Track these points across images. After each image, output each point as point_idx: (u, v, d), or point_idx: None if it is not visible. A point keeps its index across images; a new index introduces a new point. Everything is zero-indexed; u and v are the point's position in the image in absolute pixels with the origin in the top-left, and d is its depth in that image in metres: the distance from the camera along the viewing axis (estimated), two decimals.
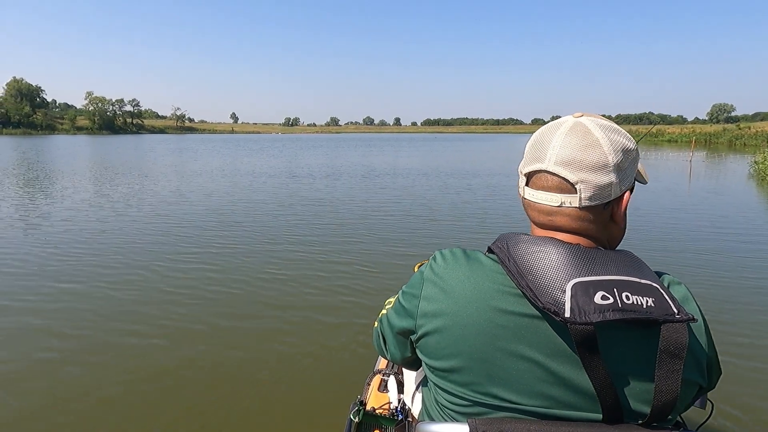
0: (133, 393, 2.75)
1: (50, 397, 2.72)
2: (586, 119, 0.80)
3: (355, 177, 15.17)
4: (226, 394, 2.75)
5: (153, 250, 5.80)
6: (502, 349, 0.74)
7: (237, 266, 5.21)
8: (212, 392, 2.76)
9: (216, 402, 2.67)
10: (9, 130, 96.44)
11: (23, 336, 3.46)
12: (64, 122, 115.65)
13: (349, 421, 1.24)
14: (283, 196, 10.62)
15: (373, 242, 6.38)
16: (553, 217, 0.80)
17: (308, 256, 5.66)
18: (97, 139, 71.06)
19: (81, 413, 2.57)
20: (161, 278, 4.77)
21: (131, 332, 3.53)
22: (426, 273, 0.85)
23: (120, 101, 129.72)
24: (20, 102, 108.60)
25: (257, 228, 7.25)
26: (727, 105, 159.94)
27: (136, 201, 9.78)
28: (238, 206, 9.24)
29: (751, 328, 3.63)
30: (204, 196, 10.58)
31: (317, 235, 6.77)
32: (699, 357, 0.75)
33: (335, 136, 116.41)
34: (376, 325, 1.06)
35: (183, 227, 7.22)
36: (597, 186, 0.76)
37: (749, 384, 2.87)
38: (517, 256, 0.75)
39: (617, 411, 0.70)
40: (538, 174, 0.80)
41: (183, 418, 2.53)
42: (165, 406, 2.64)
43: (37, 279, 4.69)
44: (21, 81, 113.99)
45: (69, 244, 6.04)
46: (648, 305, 0.68)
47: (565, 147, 0.77)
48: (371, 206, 9.28)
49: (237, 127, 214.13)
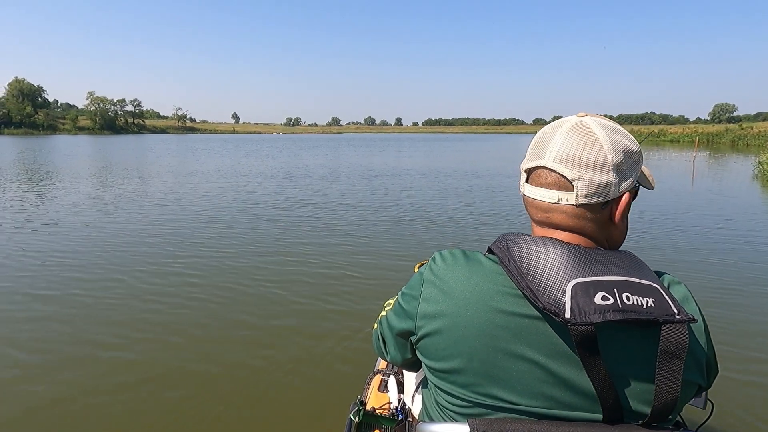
0: (128, 395, 2.69)
1: (28, 405, 2.61)
2: (589, 119, 0.80)
3: (353, 178, 14.94)
4: (226, 395, 2.72)
5: (142, 253, 5.60)
6: (502, 350, 0.74)
7: (236, 267, 5.13)
8: (212, 393, 2.73)
9: (216, 403, 2.64)
10: (11, 130, 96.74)
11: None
12: (66, 122, 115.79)
13: (349, 421, 1.23)
14: (279, 197, 10.42)
15: (373, 243, 6.29)
16: (549, 214, 0.80)
17: (308, 256, 5.56)
18: (97, 139, 71.02)
19: (61, 421, 2.48)
20: (157, 281, 4.60)
21: (120, 337, 3.39)
22: (425, 274, 0.84)
23: (121, 101, 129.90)
24: (22, 102, 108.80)
25: (256, 228, 7.14)
26: (729, 105, 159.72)
27: (125, 203, 9.57)
28: (232, 207, 9.04)
29: (755, 328, 3.57)
30: (196, 198, 10.38)
31: (315, 236, 6.67)
32: (699, 357, 0.75)
33: (336, 136, 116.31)
34: (375, 327, 1.05)
35: (176, 229, 7.01)
36: (594, 184, 0.76)
37: (750, 384, 2.86)
38: (517, 257, 0.75)
39: (617, 411, 0.70)
40: (537, 170, 0.81)
41: (183, 420, 2.49)
42: (164, 408, 2.59)
43: (10, 286, 4.48)
44: (23, 81, 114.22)
45: (52, 247, 5.82)
46: (648, 306, 0.68)
47: (565, 144, 0.77)
48: (368, 207, 9.06)
49: (238, 127, 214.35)
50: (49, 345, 3.30)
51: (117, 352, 3.21)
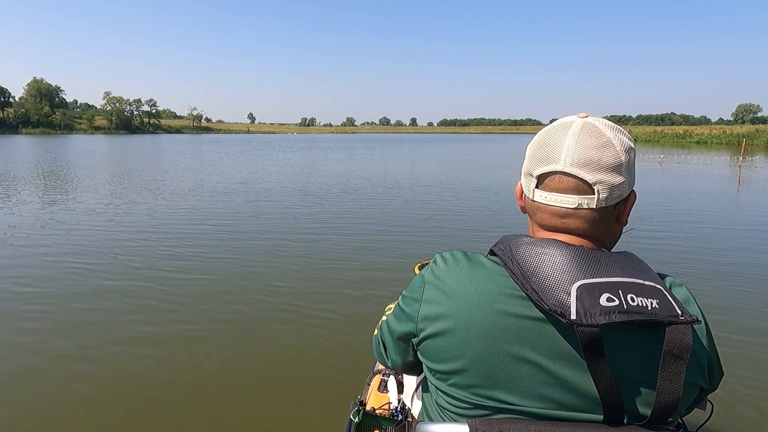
0: (123, 398, 2.63)
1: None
2: (593, 119, 0.79)
3: (371, 191, 13.60)
4: (226, 395, 2.69)
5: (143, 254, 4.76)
6: (505, 352, 0.73)
7: (236, 266, 5.14)
8: (211, 394, 2.70)
9: (215, 403, 2.61)
10: (28, 129, 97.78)
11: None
12: (82, 122, 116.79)
13: (349, 422, 1.22)
14: (269, 202, 9.20)
15: (374, 243, 6.29)
16: (567, 220, 0.78)
17: (309, 257, 5.57)
18: (111, 139, 70.93)
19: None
20: (153, 284, 4.57)
21: (123, 340, 3.41)
22: (427, 276, 0.83)
23: (137, 101, 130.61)
24: (40, 102, 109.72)
25: (255, 227, 7.15)
26: (753, 105, 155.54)
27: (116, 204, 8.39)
28: (231, 208, 8.21)
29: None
30: (182, 198, 9.15)
31: (317, 237, 6.65)
32: (701, 359, 0.74)
33: (350, 137, 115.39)
34: (375, 333, 1.04)
35: (186, 231, 6.41)
36: (613, 186, 0.75)
37: (750, 384, 2.80)
38: (520, 259, 0.74)
39: (619, 412, 0.69)
40: (552, 175, 0.77)
41: (183, 420, 2.47)
42: (164, 409, 2.55)
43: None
44: (41, 81, 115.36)
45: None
46: (653, 307, 0.68)
47: (579, 147, 0.75)
48: (353, 212, 8.14)
49: (253, 127, 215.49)
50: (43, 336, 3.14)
51: (136, 347, 3.27)
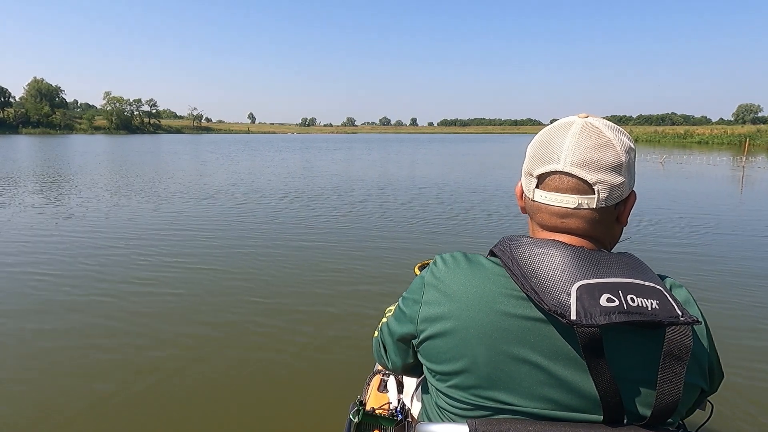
0: (122, 398, 2.62)
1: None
2: (593, 120, 0.79)
3: (367, 190, 13.48)
4: (226, 395, 2.69)
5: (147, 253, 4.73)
6: (505, 353, 0.73)
7: (234, 267, 5.14)
8: (211, 394, 2.70)
9: (215, 403, 2.61)
10: (28, 129, 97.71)
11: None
12: (83, 122, 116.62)
13: (349, 422, 1.22)
14: (272, 202, 9.11)
15: (374, 244, 6.27)
16: (567, 220, 0.78)
17: (309, 257, 5.57)
18: (111, 139, 70.72)
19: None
20: (150, 282, 4.64)
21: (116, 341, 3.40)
22: (427, 277, 0.83)
23: (137, 101, 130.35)
24: (40, 102, 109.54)
25: (255, 227, 7.14)
26: (753, 105, 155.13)
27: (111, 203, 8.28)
28: (228, 208, 8.15)
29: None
30: (194, 200, 9.05)
31: (317, 237, 6.62)
32: (701, 360, 0.74)
33: (351, 137, 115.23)
34: (376, 335, 1.04)
35: (178, 228, 6.51)
36: (613, 186, 0.75)
37: (750, 384, 2.80)
38: (520, 259, 0.74)
39: (619, 413, 0.69)
40: (552, 175, 0.78)
41: (183, 420, 2.46)
42: (164, 408, 2.55)
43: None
44: (41, 81, 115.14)
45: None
46: (653, 307, 0.67)
47: (579, 147, 0.75)
48: (363, 214, 8.06)
49: (254, 127, 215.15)
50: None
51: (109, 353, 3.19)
